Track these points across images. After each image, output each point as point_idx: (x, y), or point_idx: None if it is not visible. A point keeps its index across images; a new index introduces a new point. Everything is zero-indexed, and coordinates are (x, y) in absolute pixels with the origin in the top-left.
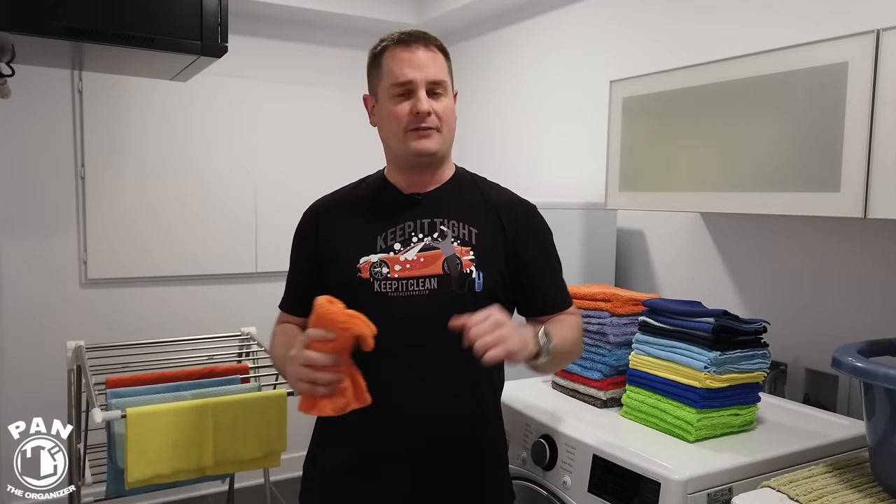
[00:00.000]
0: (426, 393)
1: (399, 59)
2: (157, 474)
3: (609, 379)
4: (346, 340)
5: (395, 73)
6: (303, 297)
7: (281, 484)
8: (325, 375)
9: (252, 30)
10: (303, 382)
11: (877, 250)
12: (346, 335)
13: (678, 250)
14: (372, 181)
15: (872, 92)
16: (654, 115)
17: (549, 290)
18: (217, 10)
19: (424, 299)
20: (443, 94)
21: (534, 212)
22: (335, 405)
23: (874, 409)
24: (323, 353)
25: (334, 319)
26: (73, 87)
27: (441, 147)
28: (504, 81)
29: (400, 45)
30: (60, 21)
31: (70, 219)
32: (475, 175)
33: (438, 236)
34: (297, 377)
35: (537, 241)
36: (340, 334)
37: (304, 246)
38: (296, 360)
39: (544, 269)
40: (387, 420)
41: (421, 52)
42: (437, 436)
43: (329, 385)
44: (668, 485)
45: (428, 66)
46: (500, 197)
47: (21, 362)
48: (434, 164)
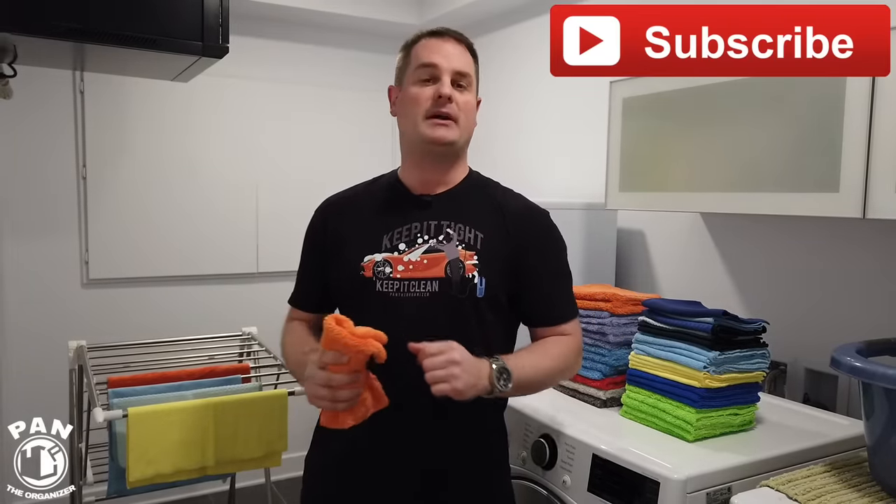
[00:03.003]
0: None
1: (428, 47)
2: (159, 474)
3: (609, 379)
4: (360, 361)
5: (421, 57)
6: (311, 293)
7: (282, 483)
8: (345, 393)
9: (253, 30)
10: (324, 401)
11: (876, 250)
12: (360, 357)
13: (678, 250)
14: (385, 180)
15: (871, 91)
16: (654, 115)
17: (550, 301)
18: (218, 10)
19: (425, 301)
20: (467, 88)
21: (545, 219)
22: (356, 415)
23: (873, 409)
24: (340, 375)
25: (345, 343)
26: (74, 88)
27: (458, 139)
28: (504, 81)
29: (433, 36)
30: (61, 22)
31: (72, 219)
32: (489, 179)
33: (444, 239)
34: (317, 396)
35: (544, 249)
36: (354, 356)
37: (313, 241)
38: (313, 379)
39: (548, 278)
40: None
41: (451, 45)
42: (435, 438)
43: (349, 401)
44: (668, 484)
45: (455, 57)
46: (512, 202)
47: (22, 362)
48: (448, 158)
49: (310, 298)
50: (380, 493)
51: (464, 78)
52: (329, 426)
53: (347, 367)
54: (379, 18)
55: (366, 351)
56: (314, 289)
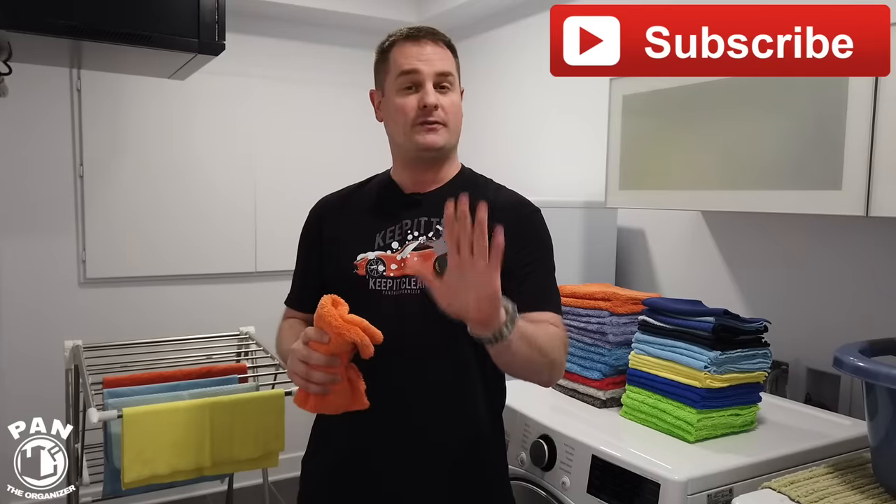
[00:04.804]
0: (417, 393)
1: (407, 53)
2: (154, 475)
3: (608, 379)
4: (341, 345)
5: (402, 65)
6: (307, 294)
7: (280, 484)
8: (317, 374)
9: (251, 28)
10: (298, 377)
11: (879, 249)
12: (341, 340)
13: (679, 249)
14: (378, 180)
15: (874, 88)
16: (654, 112)
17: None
18: (214, 7)
19: (415, 299)
20: (450, 88)
21: (535, 213)
22: (328, 404)
23: (876, 410)
24: (318, 353)
25: (330, 323)
26: (71, 86)
27: (447, 142)
28: (504, 79)
29: (409, 40)
30: (56, 18)
31: (69, 218)
32: (481, 176)
33: (433, 235)
34: (293, 370)
35: (532, 243)
36: (334, 339)
37: (308, 242)
38: (295, 353)
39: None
40: (379, 419)
41: (429, 47)
42: (428, 436)
43: (321, 385)
44: (668, 486)
45: (435, 60)
46: (503, 198)
47: (20, 361)
48: (439, 160)
49: (306, 299)
50: (375, 491)
51: (446, 78)
52: (299, 406)
53: (327, 349)
54: (378, 16)
55: (346, 336)
56: (310, 289)
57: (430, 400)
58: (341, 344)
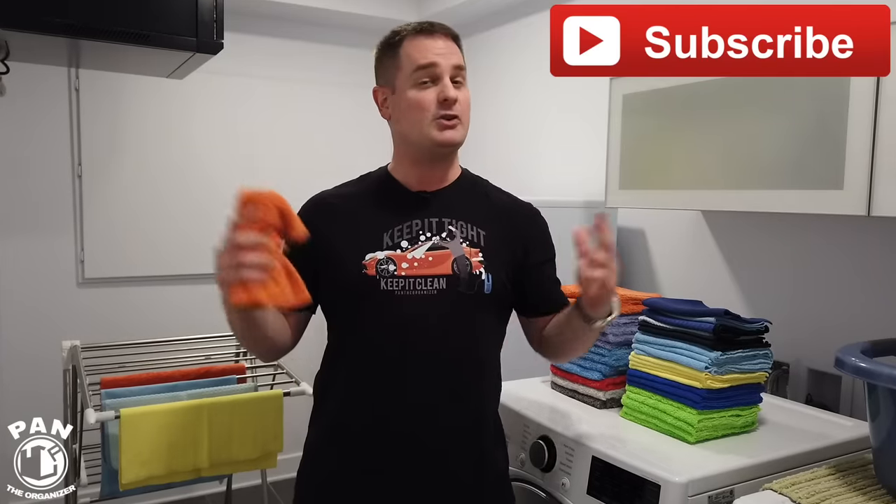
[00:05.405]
0: (429, 392)
1: (422, 47)
2: (152, 475)
3: (609, 379)
4: (271, 217)
5: (417, 59)
6: None
7: (279, 484)
8: (252, 255)
9: (251, 28)
10: (231, 269)
11: (881, 248)
12: (272, 213)
13: (679, 249)
14: (375, 178)
15: (876, 87)
16: (654, 112)
17: (552, 291)
18: (213, 6)
19: (432, 299)
20: (463, 82)
21: (538, 215)
22: (270, 292)
23: (878, 410)
24: (249, 232)
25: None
26: (69, 86)
27: (463, 137)
28: (504, 78)
29: (422, 34)
30: (54, 17)
31: (67, 217)
32: (479, 177)
33: (447, 236)
34: (224, 264)
35: (542, 244)
36: (265, 211)
37: None
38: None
39: (549, 272)
40: (388, 418)
41: (442, 41)
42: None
43: (259, 267)
44: (669, 487)
45: (451, 54)
46: (505, 200)
47: (19, 361)
48: (450, 157)
49: None
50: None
51: (461, 73)
52: (239, 303)
53: (258, 226)
54: (378, 15)
55: (278, 203)
56: None
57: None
58: (273, 217)
